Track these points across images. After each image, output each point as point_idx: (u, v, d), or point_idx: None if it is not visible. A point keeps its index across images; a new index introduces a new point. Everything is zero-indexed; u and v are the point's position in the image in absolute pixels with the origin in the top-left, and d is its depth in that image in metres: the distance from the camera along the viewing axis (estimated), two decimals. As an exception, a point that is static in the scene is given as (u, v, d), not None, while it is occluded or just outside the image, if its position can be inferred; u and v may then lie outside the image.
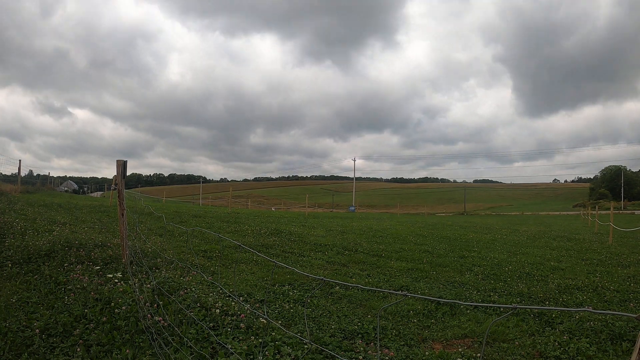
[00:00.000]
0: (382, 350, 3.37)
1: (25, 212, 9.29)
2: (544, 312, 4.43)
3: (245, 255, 6.92)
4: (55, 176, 42.91)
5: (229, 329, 3.25)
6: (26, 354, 2.73)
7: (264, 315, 2.92)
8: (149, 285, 3.98)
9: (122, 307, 3.38)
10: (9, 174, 21.34)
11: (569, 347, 3.51)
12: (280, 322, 3.83)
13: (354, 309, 4.46)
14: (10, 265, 4.57)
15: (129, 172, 4.99)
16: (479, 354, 3.35)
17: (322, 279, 2.03)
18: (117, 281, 4.09)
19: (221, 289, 4.30)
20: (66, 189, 52.96)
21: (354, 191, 73.50)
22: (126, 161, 4.80)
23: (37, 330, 3.00)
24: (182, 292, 3.88)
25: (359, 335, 3.68)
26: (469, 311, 4.52)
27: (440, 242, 11.00)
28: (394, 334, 3.80)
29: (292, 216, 20.11)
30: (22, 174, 20.24)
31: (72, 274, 4.30)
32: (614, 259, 8.71)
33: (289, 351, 2.99)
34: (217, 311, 3.52)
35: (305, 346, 3.09)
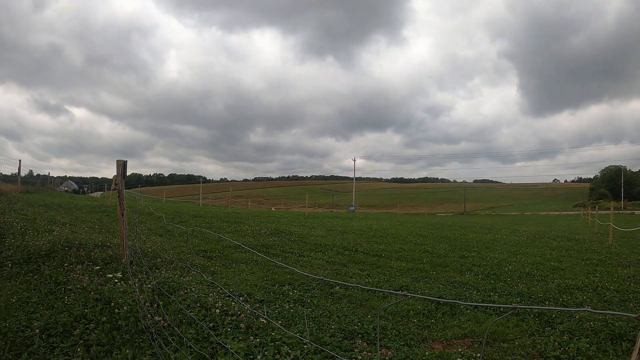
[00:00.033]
0: (381, 350, 3.37)
1: (25, 212, 9.29)
2: (544, 312, 4.43)
3: (245, 255, 6.92)
4: (55, 176, 42.91)
5: (229, 329, 3.25)
6: (26, 354, 2.73)
7: (264, 315, 2.92)
8: (149, 285, 3.98)
9: (122, 307, 3.38)
10: (9, 174, 21.34)
11: (569, 347, 3.51)
12: (280, 322, 3.83)
13: (354, 309, 4.46)
14: (10, 265, 4.57)
15: (128, 172, 4.99)
16: (479, 354, 3.35)
17: (322, 279, 2.03)
18: (117, 281, 4.09)
19: (221, 289, 4.30)
20: (66, 189, 52.92)
21: (354, 191, 73.51)
22: (126, 161, 4.80)
23: (37, 330, 3.00)
24: (182, 292, 3.88)
25: (359, 335, 3.68)
26: (469, 311, 4.52)
27: (440, 242, 11.00)
28: (394, 334, 3.80)
29: (292, 216, 20.11)
30: (22, 174, 20.25)
31: (72, 274, 4.29)
32: (614, 259, 8.71)
33: (289, 351, 2.99)
34: (217, 311, 3.52)
35: (305, 346, 3.09)
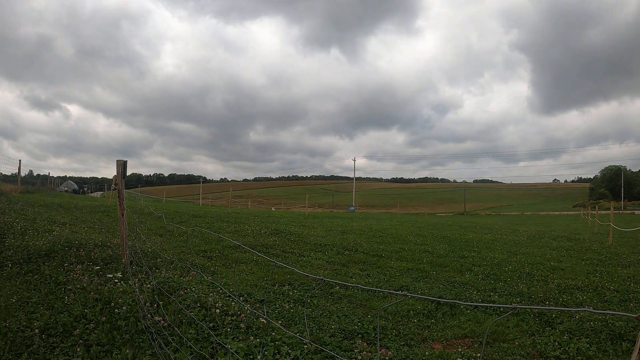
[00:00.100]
0: (381, 350, 3.37)
1: (25, 212, 9.29)
2: (544, 312, 4.43)
3: (245, 255, 6.92)
4: (55, 176, 42.93)
5: (229, 329, 3.25)
6: (26, 354, 2.73)
7: (264, 315, 2.92)
8: (149, 285, 3.98)
9: (122, 307, 3.38)
10: (9, 174, 21.34)
11: (569, 347, 3.51)
12: (280, 322, 3.83)
13: (354, 309, 4.46)
14: (10, 265, 4.57)
15: (128, 172, 4.99)
16: (479, 354, 3.35)
17: (322, 279, 2.03)
18: (117, 281, 4.09)
19: (221, 289, 4.30)
20: (66, 189, 52.96)
21: (354, 191, 73.52)
22: (126, 161, 4.80)
23: (37, 330, 3.00)
24: (182, 292, 3.88)
25: (359, 335, 3.68)
26: (469, 311, 4.52)
27: (440, 242, 11.00)
28: (394, 334, 3.80)
29: (292, 216, 20.11)
30: (22, 174, 20.25)
31: (72, 274, 4.29)
32: (614, 259, 8.71)
33: (289, 351, 2.99)
34: (217, 311, 3.52)
35: (305, 346, 3.09)
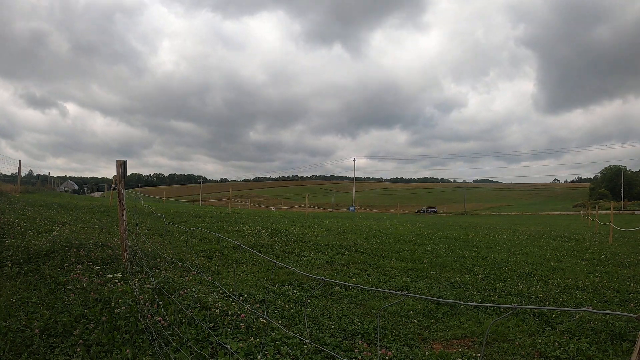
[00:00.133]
0: (381, 350, 3.37)
1: (25, 212, 9.29)
2: (544, 312, 4.43)
3: (245, 255, 6.92)
4: (55, 176, 42.94)
5: (229, 329, 3.25)
6: (26, 354, 2.73)
7: (264, 315, 2.92)
8: (149, 285, 3.98)
9: (122, 307, 3.38)
10: (9, 174, 21.34)
11: (569, 347, 3.51)
12: (280, 322, 3.83)
13: (354, 309, 4.46)
14: (10, 265, 4.57)
15: (128, 172, 4.99)
16: (479, 354, 3.35)
17: (322, 279, 2.03)
18: (117, 281, 4.09)
19: (221, 289, 4.30)
20: (66, 189, 52.98)
21: (354, 191, 73.53)
22: (126, 161, 4.80)
23: (37, 330, 3.00)
24: (182, 292, 3.88)
25: (359, 335, 3.68)
26: (469, 311, 4.52)
27: (440, 242, 11.00)
28: (394, 334, 3.80)
29: (292, 216, 20.11)
30: (22, 174, 20.25)
31: (72, 274, 4.29)
32: (614, 259, 8.71)
33: (289, 351, 2.99)
34: (217, 311, 3.52)
35: (305, 346, 3.09)
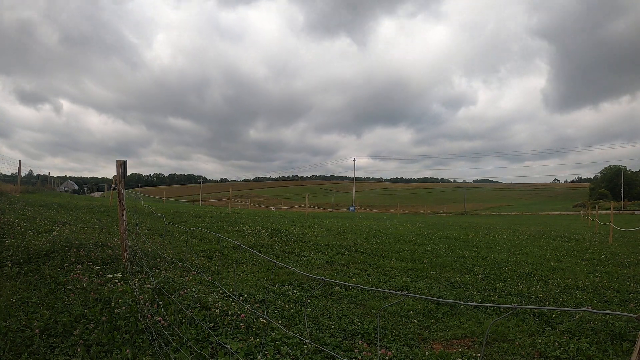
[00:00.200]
0: (381, 350, 3.37)
1: (25, 212, 9.29)
2: (544, 312, 4.43)
3: (245, 255, 6.92)
4: (55, 176, 42.92)
5: (229, 329, 3.25)
6: (26, 354, 2.73)
7: (264, 315, 2.92)
8: (149, 285, 3.98)
9: (122, 307, 3.38)
10: (9, 174, 21.34)
11: (569, 347, 3.51)
12: (280, 322, 3.83)
13: (354, 309, 4.46)
14: (10, 265, 4.57)
15: (128, 172, 5.00)
16: (479, 354, 3.35)
17: (322, 279, 2.03)
18: (117, 281, 4.09)
19: (221, 289, 4.30)
20: (66, 189, 52.94)
21: (354, 191, 73.52)
22: (126, 161, 4.81)
23: (37, 330, 3.00)
24: (182, 292, 3.88)
25: (359, 335, 3.68)
26: (469, 311, 4.52)
27: (440, 242, 11.00)
28: (394, 334, 3.80)
29: (292, 216, 20.11)
30: (22, 174, 20.26)
31: (72, 274, 4.29)
32: (614, 259, 8.71)
33: (289, 351, 2.99)
34: (217, 311, 3.52)
35: (305, 346, 3.09)
